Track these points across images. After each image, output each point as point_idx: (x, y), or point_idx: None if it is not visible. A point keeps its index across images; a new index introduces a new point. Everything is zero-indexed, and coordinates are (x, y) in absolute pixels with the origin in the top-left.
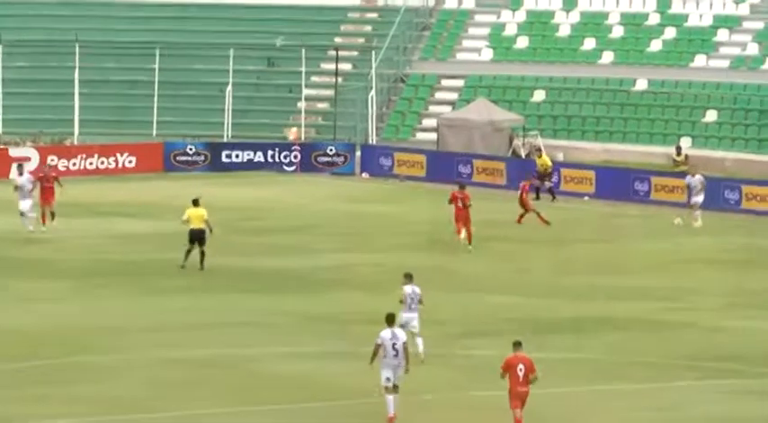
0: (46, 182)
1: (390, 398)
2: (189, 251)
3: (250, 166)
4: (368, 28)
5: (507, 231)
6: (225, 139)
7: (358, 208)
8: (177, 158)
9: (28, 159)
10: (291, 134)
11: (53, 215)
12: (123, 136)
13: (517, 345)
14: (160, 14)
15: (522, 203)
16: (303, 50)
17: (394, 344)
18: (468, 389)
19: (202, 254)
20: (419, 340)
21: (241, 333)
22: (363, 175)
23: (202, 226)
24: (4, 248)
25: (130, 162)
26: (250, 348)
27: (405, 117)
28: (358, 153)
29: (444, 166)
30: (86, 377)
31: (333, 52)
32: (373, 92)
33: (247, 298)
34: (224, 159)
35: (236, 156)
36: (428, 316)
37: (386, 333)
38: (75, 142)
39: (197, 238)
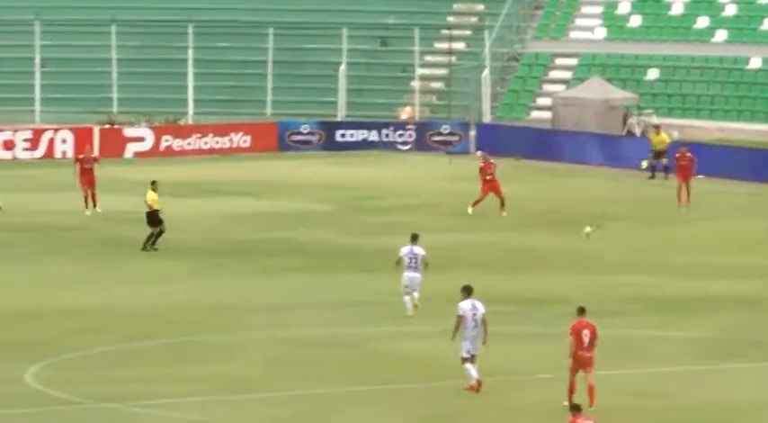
0: (85, 163)
1: (469, 366)
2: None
3: (364, 145)
4: (480, 7)
5: (619, 210)
6: (339, 119)
7: (473, 187)
8: (292, 138)
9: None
10: (405, 113)
11: (94, 199)
12: (238, 115)
13: (581, 311)
14: None
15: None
16: (416, 30)
17: (474, 315)
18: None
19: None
20: (416, 294)
21: (360, 312)
22: (478, 153)
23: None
24: (121, 229)
25: (245, 141)
26: (369, 327)
27: (519, 96)
28: (473, 132)
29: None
30: (204, 357)
31: (446, 31)
32: (487, 71)
33: (365, 277)
34: (338, 139)
35: (351, 135)
36: (547, 295)
37: (465, 304)
38: (190, 122)
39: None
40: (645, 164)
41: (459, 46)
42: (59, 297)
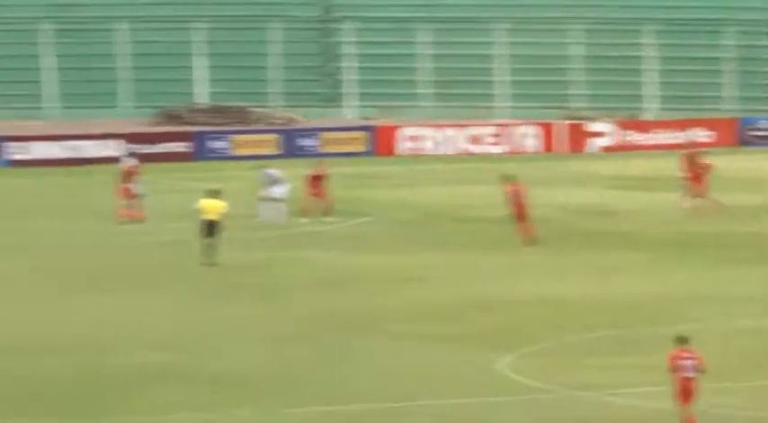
0: (124, 176)
1: None
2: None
3: None
4: None
5: None
6: None
7: None
8: (751, 133)
9: None
10: None
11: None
12: (699, 111)
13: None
14: None
15: None
16: None
17: None
18: None
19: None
20: None
21: None
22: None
23: (215, 218)
24: (584, 221)
25: (707, 137)
26: None
27: None
28: None
29: None
30: (665, 347)
31: None
32: None
33: None
34: None
35: None
36: None
37: None
38: (651, 117)
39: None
40: None
41: None
42: (529, 287)
